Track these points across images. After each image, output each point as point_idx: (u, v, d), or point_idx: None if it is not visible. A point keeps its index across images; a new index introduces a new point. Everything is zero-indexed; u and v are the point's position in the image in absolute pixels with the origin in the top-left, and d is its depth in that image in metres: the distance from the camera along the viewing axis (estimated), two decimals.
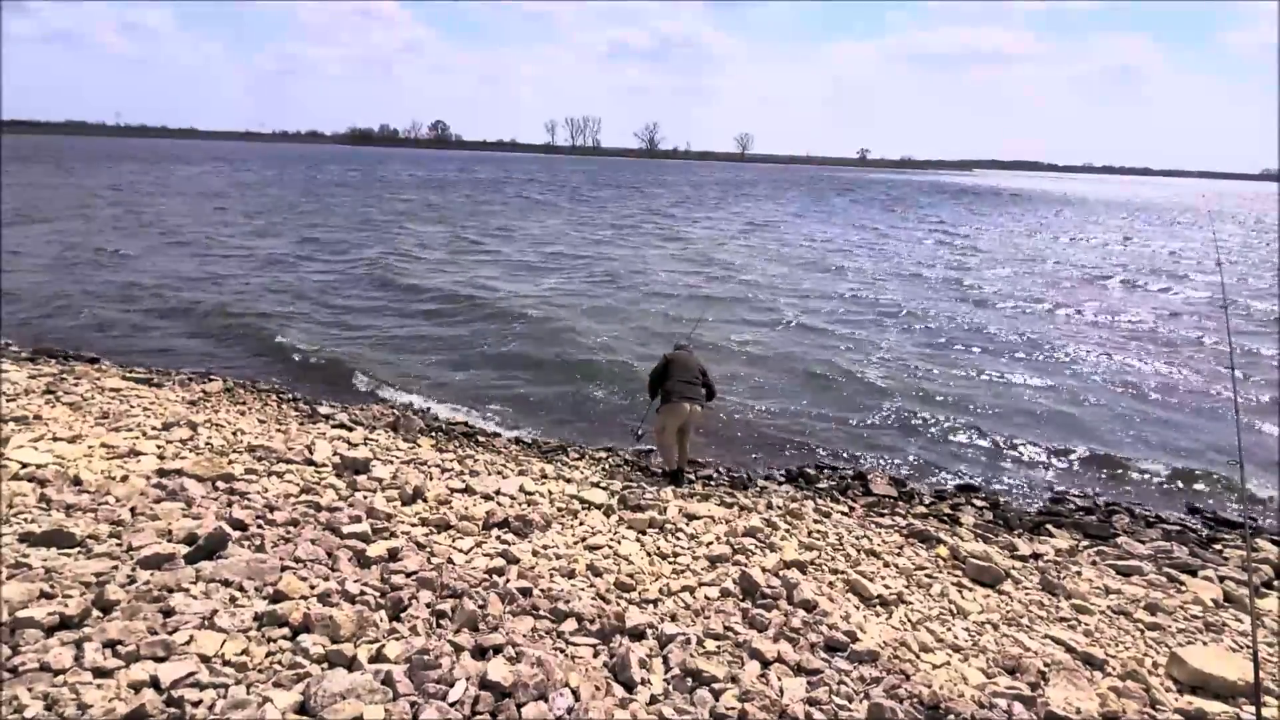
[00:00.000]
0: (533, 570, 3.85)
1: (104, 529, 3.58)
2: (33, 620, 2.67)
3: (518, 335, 11.23)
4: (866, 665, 3.25)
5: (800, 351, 10.89)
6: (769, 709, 2.80)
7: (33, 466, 4.34)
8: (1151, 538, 5.75)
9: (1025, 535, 5.66)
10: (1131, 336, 12.80)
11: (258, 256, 17.33)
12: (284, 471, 4.91)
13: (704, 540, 4.62)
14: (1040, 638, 3.84)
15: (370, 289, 14.41)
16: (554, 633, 3.24)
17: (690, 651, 3.17)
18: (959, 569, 4.68)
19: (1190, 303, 16.14)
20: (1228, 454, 7.49)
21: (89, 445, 4.89)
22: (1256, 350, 11.86)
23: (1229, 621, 4.27)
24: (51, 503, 3.85)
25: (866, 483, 6.54)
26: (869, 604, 4.01)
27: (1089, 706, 3.10)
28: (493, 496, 4.96)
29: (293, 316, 11.88)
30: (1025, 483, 6.99)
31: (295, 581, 3.23)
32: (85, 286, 13.07)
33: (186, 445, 5.24)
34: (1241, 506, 6.29)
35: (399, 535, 4.05)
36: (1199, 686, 3.43)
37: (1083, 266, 21.11)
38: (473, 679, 2.70)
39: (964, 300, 15.41)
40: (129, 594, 2.97)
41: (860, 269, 19.15)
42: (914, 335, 12.27)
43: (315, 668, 2.68)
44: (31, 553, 3.26)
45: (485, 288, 14.63)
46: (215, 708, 2.38)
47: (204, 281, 14.10)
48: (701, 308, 12.27)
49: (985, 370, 10.39)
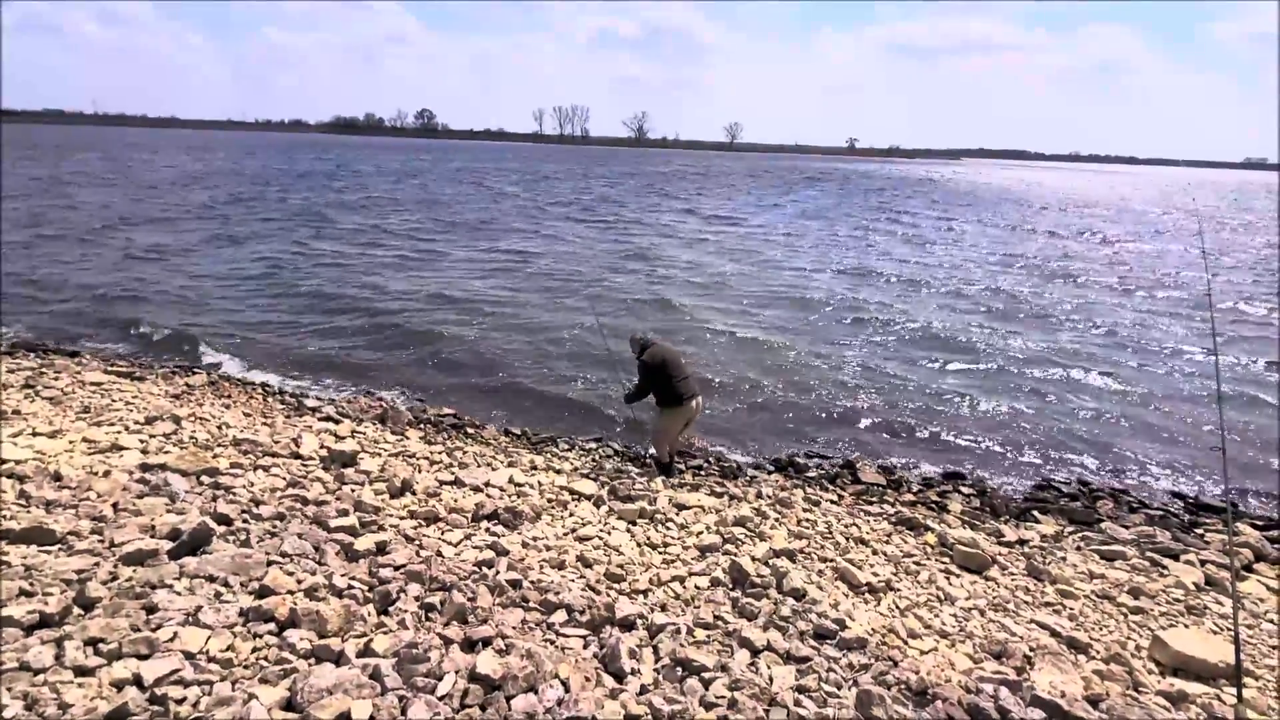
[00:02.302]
0: (522, 562, 3.84)
1: (85, 525, 3.53)
2: (12, 619, 2.63)
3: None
4: (855, 652, 3.27)
5: (780, 343, 10.90)
6: (758, 697, 2.81)
7: (12, 462, 4.27)
8: (1135, 523, 5.83)
9: (1011, 521, 5.72)
10: (1113, 328, 12.92)
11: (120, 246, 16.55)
12: (270, 465, 4.85)
13: (694, 530, 4.62)
14: (1026, 623, 3.88)
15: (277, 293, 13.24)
16: (544, 624, 3.23)
17: (680, 641, 3.17)
18: (946, 556, 4.72)
19: (1173, 294, 16.32)
20: (1210, 440, 7.60)
21: (70, 440, 4.81)
22: (1240, 337, 12.01)
23: (1210, 605, 4.34)
24: (31, 499, 3.78)
25: (855, 471, 6.58)
26: (858, 591, 4.03)
27: (1074, 690, 3.13)
28: (482, 488, 4.94)
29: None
30: (1012, 470, 7.06)
31: (281, 576, 3.20)
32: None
33: (170, 439, 5.17)
34: (1223, 491, 6.38)
35: (387, 528, 4.03)
36: (1181, 669, 3.49)
37: (1050, 259, 21.17)
38: (462, 672, 2.69)
39: (938, 294, 15.48)
40: (111, 591, 2.93)
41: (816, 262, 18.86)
42: (892, 329, 12.31)
43: (302, 663, 2.65)
44: (11, 550, 3.20)
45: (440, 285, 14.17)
46: (200, 705, 2.36)
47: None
48: (650, 296, 11.96)
49: (969, 361, 10.47)
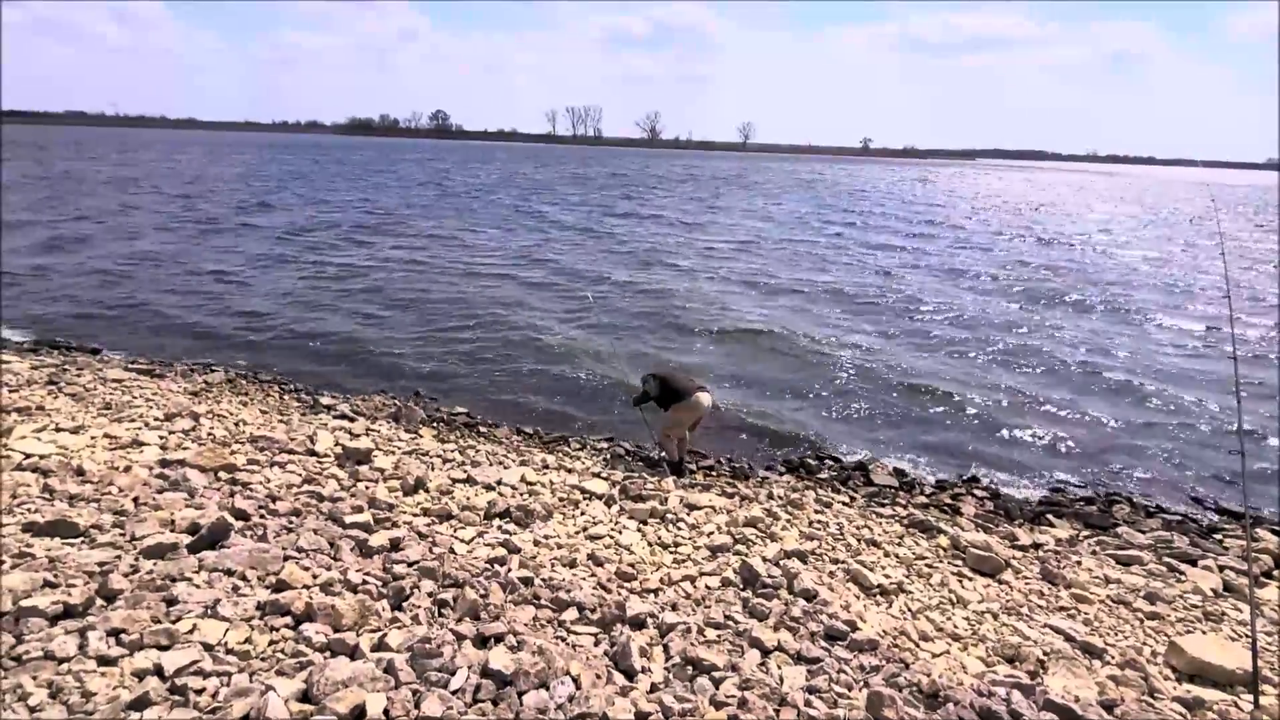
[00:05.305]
0: (534, 560, 3.87)
1: (107, 519, 3.60)
2: (37, 609, 2.69)
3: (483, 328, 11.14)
4: (866, 654, 3.26)
5: (797, 342, 10.87)
6: (769, 697, 2.81)
7: (36, 457, 4.36)
8: (1152, 527, 5.76)
9: (1026, 525, 5.67)
10: (1131, 326, 12.76)
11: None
12: (286, 462, 4.92)
13: (705, 530, 4.63)
14: (1040, 627, 3.85)
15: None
16: (555, 622, 3.25)
17: (691, 640, 3.18)
18: (959, 559, 4.70)
19: (1187, 289, 16.09)
20: (1228, 443, 7.49)
21: (92, 436, 4.91)
22: (1259, 339, 11.82)
23: (1228, 611, 4.28)
24: (55, 493, 3.86)
25: (867, 473, 6.56)
26: (869, 593, 4.02)
27: (1087, 695, 3.11)
28: (494, 486, 4.97)
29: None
30: (1026, 473, 6.99)
31: (298, 571, 3.25)
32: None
33: (189, 436, 5.26)
34: (1242, 496, 6.29)
35: (401, 525, 4.07)
36: (1197, 675, 3.45)
37: (1084, 265, 20.98)
38: (474, 667, 2.72)
39: (960, 288, 15.37)
40: (132, 583, 2.99)
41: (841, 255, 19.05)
42: (904, 326, 12.23)
43: (318, 656, 2.69)
44: (35, 542, 3.28)
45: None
46: (218, 695, 2.40)
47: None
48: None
49: (984, 361, 10.38)
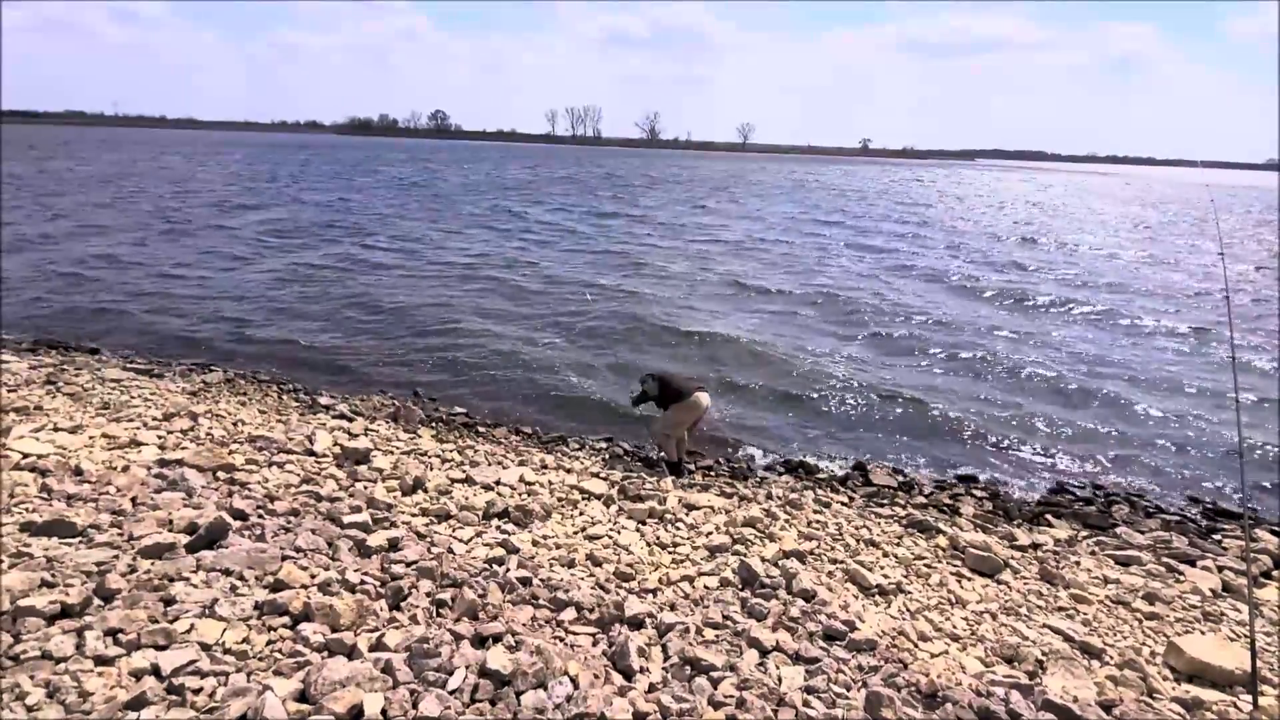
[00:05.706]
0: (532, 560, 3.87)
1: (105, 519, 3.60)
2: (34, 609, 2.69)
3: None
4: (865, 654, 3.26)
5: (794, 345, 10.87)
6: (767, 697, 2.81)
7: (34, 457, 4.36)
8: (1151, 528, 5.76)
9: (1025, 525, 5.67)
10: (1130, 328, 12.77)
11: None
12: (284, 462, 4.92)
13: (703, 530, 4.63)
14: (1039, 627, 3.85)
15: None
16: (553, 621, 3.25)
17: (689, 640, 3.18)
18: (958, 559, 4.69)
19: (1186, 291, 16.10)
20: (1228, 444, 7.49)
21: (90, 435, 4.90)
22: (1259, 342, 11.83)
23: (1227, 611, 4.27)
24: (53, 492, 3.86)
25: (866, 473, 6.55)
26: (868, 593, 4.02)
27: (1086, 695, 3.11)
28: (493, 487, 4.97)
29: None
30: (1025, 473, 6.99)
31: (296, 571, 3.25)
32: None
33: (187, 436, 5.26)
34: (1242, 496, 6.30)
35: (399, 525, 4.07)
36: (1196, 675, 3.45)
37: (1087, 267, 21.01)
38: (472, 667, 2.72)
39: (952, 291, 15.38)
40: (130, 583, 2.99)
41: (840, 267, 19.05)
42: (899, 330, 12.24)
43: (315, 656, 2.69)
44: (33, 542, 3.27)
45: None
46: (215, 695, 2.40)
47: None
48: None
49: (982, 364, 10.38)
